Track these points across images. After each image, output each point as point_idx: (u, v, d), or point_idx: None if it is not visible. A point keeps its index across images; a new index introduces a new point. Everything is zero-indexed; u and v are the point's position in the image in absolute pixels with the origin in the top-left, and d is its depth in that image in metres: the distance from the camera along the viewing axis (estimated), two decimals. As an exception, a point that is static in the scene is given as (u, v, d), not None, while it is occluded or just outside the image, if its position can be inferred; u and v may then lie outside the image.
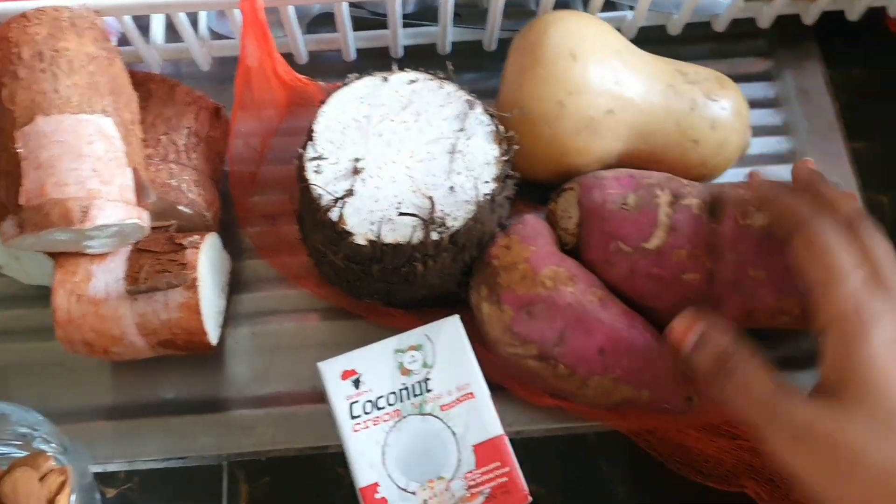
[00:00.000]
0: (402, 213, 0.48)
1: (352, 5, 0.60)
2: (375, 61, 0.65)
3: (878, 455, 0.35)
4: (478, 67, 0.65)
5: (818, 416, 0.37)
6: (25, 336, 0.55)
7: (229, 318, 0.55)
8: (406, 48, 0.64)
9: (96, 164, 0.43)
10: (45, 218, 0.42)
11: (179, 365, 0.54)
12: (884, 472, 0.35)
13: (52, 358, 0.54)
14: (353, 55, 0.63)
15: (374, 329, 0.55)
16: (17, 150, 0.42)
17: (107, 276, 0.48)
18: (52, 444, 0.46)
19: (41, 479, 0.45)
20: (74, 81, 0.44)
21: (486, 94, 0.56)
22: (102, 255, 0.48)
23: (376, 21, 0.64)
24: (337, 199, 0.48)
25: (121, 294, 0.47)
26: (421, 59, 0.64)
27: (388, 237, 0.47)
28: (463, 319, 0.48)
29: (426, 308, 0.54)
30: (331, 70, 0.65)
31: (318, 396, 0.53)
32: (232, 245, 0.57)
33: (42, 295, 0.56)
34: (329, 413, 0.46)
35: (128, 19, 0.54)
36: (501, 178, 0.49)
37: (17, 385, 0.54)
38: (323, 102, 0.53)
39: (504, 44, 0.64)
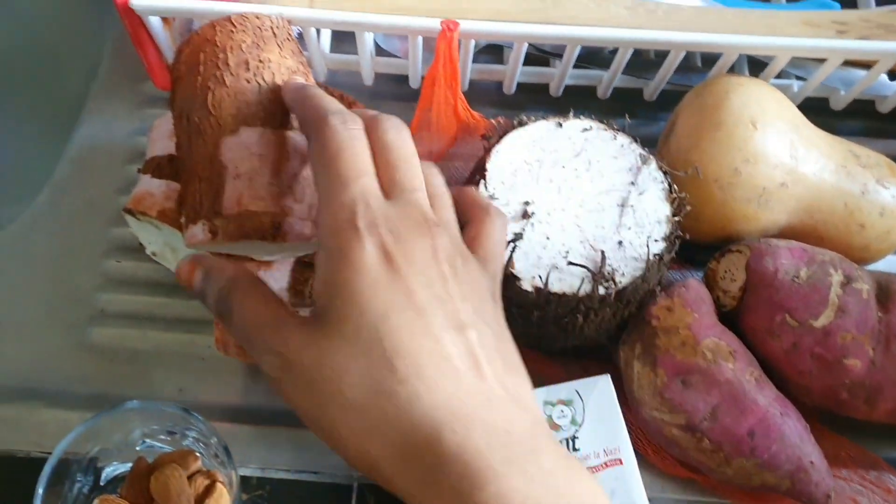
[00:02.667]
0: (571, 263, 0.47)
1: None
2: (530, 95, 0.65)
3: (355, 378, 0.32)
4: (632, 114, 0.65)
5: (303, 344, 0.33)
6: (167, 325, 0.56)
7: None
8: (565, 87, 0.64)
9: (292, 180, 0.43)
10: (240, 229, 0.42)
11: (314, 376, 0.54)
12: (362, 397, 0.32)
13: (191, 350, 0.55)
14: (513, 89, 0.63)
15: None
16: (220, 159, 0.42)
17: (272, 284, 0.48)
18: (204, 445, 0.46)
19: (189, 477, 0.46)
20: (277, 95, 0.44)
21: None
22: (269, 263, 0.49)
23: (536, 56, 0.64)
24: (507, 242, 0.48)
25: (285, 306, 0.47)
26: (577, 99, 0.65)
27: (555, 286, 0.47)
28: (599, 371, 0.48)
29: (570, 358, 0.53)
30: (485, 99, 0.65)
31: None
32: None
33: (188, 287, 0.57)
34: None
35: (312, 29, 0.55)
36: (672, 239, 0.49)
37: (157, 374, 0.54)
38: (486, 138, 0.53)
39: (662, 94, 0.64)
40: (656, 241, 0.48)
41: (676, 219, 0.49)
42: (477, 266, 0.37)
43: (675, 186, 0.50)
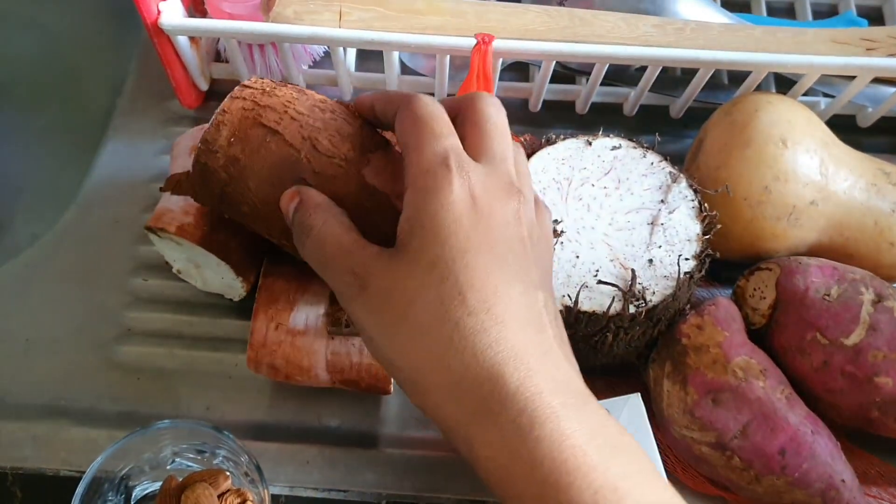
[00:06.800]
0: (602, 282, 0.47)
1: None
2: (555, 112, 0.65)
3: (425, 305, 0.34)
4: (658, 131, 0.65)
5: (381, 268, 0.35)
6: (194, 343, 0.56)
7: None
8: (590, 105, 0.64)
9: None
10: None
11: (340, 394, 0.54)
12: (429, 322, 0.34)
13: (218, 368, 0.55)
14: (539, 107, 0.63)
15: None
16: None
17: (309, 310, 0.48)
18: (234, 464, 0.46)
19: (219, 496, 0.46)
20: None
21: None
22: (306, 287, 0.49)
23: (561, 73, 0.64)
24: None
25: (319, 330, 0.47)
26: (602, 116, 0.65)
27: (585, 305, 0.47)
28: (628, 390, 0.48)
29: (598, 376, 0.53)
30: (510, 117, 0.63)
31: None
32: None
33: (214, 303, 0.57)
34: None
35: (340, 48, 0.55)
36: (702, 257, 0.48)
37: (184, 392, 0.54)
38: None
39: (688, 112, 0.64)
40: (687, 259, 0.48)
41: (707, 237, 0.49)
42: (547, 244, 0.39)
43: (706, 205, 0.50)
